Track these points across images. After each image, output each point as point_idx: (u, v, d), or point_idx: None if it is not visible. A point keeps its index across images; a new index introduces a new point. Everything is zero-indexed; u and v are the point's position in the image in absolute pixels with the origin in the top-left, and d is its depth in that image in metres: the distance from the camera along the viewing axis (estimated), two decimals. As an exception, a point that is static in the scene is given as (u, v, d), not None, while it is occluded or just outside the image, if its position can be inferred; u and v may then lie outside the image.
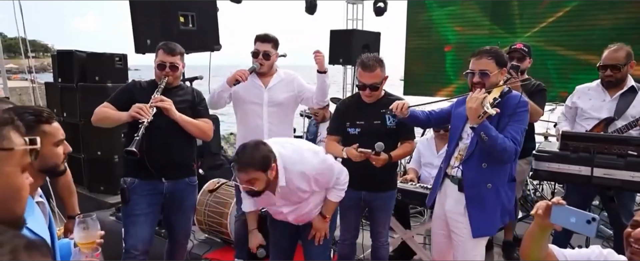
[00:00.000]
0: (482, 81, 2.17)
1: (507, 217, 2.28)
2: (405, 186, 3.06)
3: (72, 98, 4.53)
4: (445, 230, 2.37)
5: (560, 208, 1.33)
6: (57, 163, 1.51)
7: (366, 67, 2.43)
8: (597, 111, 2.88)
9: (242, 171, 2.00)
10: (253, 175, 1.99)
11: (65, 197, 2.35)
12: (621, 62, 2.76)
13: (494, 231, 2.30)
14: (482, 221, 2.19)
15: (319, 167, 2.15)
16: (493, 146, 2.06)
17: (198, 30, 3.72)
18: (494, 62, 2.17)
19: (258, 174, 1.99)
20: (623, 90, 2.82)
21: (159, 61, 2.54)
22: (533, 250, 1.48)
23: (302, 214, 2.32)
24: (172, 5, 3.58)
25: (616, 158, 2.29)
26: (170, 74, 2.53)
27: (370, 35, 5.74)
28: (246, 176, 2.00)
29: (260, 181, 2.01)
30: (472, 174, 2.19)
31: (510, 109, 2.14)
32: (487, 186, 2.18)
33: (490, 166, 2.16)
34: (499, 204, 2.21)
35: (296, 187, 2.14)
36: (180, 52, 2.59)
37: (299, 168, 2.10)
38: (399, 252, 3.38)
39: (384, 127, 2.52)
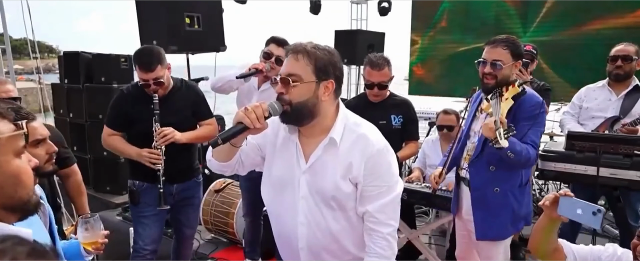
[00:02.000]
0: (493, 72, 2.02)
1: (521, 223, 2.17)
2: (411, 186, 3.05)
3: (78, 99, 4.56)
4: (466, 231, 2.32)
5: (568, 199, 1.33)
6: (37, 164, 1.49)
7: (375, 66, 2.44)
8: (603, 111, 2.90)
9: (292, 54, 1.36)
10: (301, 68, 1.32)
11: (75, 197, 2.37)
12: (632, 54, 2.79)
13: (503, 236, 2.16)
14: (488, 224, 2.10)
15: (384, 150, 1.42)
16: (518, 160, 1.94)
17: (204, 31, 3.75)
18: (510, 52, 2.02)
19: (307, 71, 1.32)
20: (628, 89, 2.85)
21: (140, 79, 2.36)
22: (541, 243, 1.46)
23: (317, 237, 1.48)
24: (178, 6, 3.60)
25: (622, 158, 2.29)
26: (157, 89, 2.35)
27: (374, 36, 5.74)
28: (292, 64, 1.34)
29: (303, 87, 1.32)
30: (479, 177, 2.10)
31: (528, 112, 2.01)
32: (495, 190, 2.07)
33: (498, 170, 2.05)
34: (507, 209, 2.09)
35: (339, 162, 1.39)
36: (158, 62, 2.32)
37: (363, 131, 1.42)
38: (405, 252, 3.38)
39: (390, 127, 2.53)
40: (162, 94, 2.40)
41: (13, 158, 0.88)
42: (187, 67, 4.00)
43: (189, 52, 3.89)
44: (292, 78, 1.31)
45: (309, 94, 1.32)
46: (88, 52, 4.60)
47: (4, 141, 0.86)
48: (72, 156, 2.40)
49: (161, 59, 2.35)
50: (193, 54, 3.95)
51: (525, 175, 2.15)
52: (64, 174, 2.34)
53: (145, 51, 2.38)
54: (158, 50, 2.38)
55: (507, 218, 2.11)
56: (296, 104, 1.31)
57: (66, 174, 2.34)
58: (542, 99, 2.09)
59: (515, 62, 2.06)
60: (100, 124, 4.39)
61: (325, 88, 1.34)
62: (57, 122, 4.92)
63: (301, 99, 1.31)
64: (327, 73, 1.33)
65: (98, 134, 4.38)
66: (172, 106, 2.42)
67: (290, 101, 1.31)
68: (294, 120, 1.36)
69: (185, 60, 3.96)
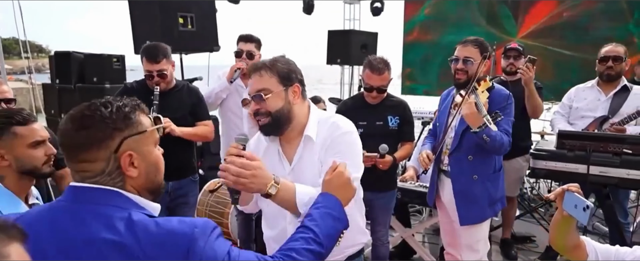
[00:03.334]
0: (464, 68, 2.22)
1: (498, 205, 2.38)
2: (405, 185, 3.09)
3: (70, 99, 4.51)
4: (449, 218, 2.47)
5: (570, 194, 1.32)
6: (35, 165, 1.49)
7: (375, 70, 2.45)
8: (592, 110, 2.95)
9: (254, 72, 1.44)
10: (267, 82, 1.41)
11: None
12: (622, 55, 2.86)
13: (483, 218, 2.34)
14: (469, 211, 2.29)
15: (349, 133, 1.49)
16: (493, 145, 2.13)
17: (197, 32, 3.74)
18: (479, 51, 2.22)
19: (273, 83, 1.41)
20: (617, 89, 2.90)
21: (145, 71, 2.45)
22: (558, 238, 1.45)
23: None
24: (171, 6, 3.60)
25: (612, 156, 2.34)
26: (159, 82, 2.44)
27: (368, 36, 5.76)
28: (258, 81, 1.42)
29: (274, 97, 1.41)
30: (459, 167, 2.29)
31: (499, 103, 2.20)
32: (473, 178, 2.26)
33: (475, 159, 2.25)
34: (485, 195, 2.29)
35: (316, 158, 1.48)
36: (164, 56, 2.44)
37: (333, 120, 1.52)
38: (399, 250, 3.42)
39: (387, 128, 2.55)
40: (163, 87, 2.47)
41: (154, 148, 1.02)
42: (180, 67, 4.00)
43: (183, 53, 3.89)
44: (263, 92, 1.41)
45: (282, 102, 1.44)
46: (80, 52, 4.56)
47: (148, 134, 0.99)
48: None
49: (167, 54, 2.46)
50: (186, 54, 3.94)
51: (498, 162, 2.35)
52: (59, 175, 2.31)
53: (153, 44, 2.50)
54: (166, 46, 2.50)
55: (485, 202, 2.31)
56: (275, 113, 1.43)
57: (61, 176, 2.32)
58: (508, 92, 2.28)
59: (484, 61, 2.23)
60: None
61: (293, 92, 1.46)
62: (48, 123, 4.87)
63: (277, 108, 1.43)
64: (290, 79, 1.45)
65: (90, 134, 4.40)
66: (171, 103, 2.49)
67: (269, 112, 1.42)
68: (275, 129, 1.46)
69: (178, 60, 3.95)
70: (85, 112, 0.94)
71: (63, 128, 0.95)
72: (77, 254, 0.88)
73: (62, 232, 0.91)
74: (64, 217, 0.92)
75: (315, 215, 1.16)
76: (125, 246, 0.86)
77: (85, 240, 0.88)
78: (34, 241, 0.84)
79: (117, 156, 0.95)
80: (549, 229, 1.53)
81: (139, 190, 0.99)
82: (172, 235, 0.89)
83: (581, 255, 1.43)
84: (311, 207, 1.20)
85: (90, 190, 0.94)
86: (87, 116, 0.93)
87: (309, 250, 1.07)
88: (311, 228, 1.12)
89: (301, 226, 1.14)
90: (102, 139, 0.93)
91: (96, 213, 0.91)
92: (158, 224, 0.90)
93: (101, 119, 0.93)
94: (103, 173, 0.95)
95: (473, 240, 2.35)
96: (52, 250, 0.90)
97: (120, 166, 0.95)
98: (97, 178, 0.95)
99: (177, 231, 0.89)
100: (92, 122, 0.93)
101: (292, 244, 1.08)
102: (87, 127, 0.93)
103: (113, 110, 0.95)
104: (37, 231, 0.91)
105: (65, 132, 0.95)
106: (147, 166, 0.99)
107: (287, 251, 1.06)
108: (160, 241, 0.87)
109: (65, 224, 0.91)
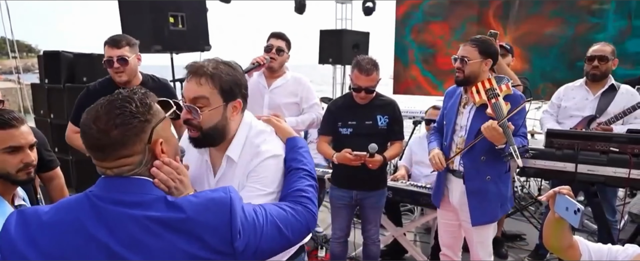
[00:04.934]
0: (461, 67, 2.23)
1: (508, 205, 2.40)
2: (396, 184, 3.10)
3: (59, 99, 4.47)
4: (453, 220, 2.45)
5: (561, 196, 1.34)
6: (8, 171, 1.46)
7: (363, 71, 2.44)
8: (580, 110, 2.98)
9: (194, 76, 1.25)
10: (206, 92, 1.24)
11: (58, 200, 2.33)
12: (608, 54, 2.88)
13: (495, 218, 2.35)
14: (482, 210, 2.28)
15: (270, 159, 1.32)
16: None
17: (188, 31, 3.72)
18: (477, 50, 2.22)
19: (214, 95, 1.25)
20: (604, 88, 2.94)
21: (105, 57, 2.33)
22: (551, 238, 1.46)
23: None
24: (161, 5, 3.57)
25: (599, 155, 2.36)
26: (120, 70, 2.32)
27: (359, 35, 5.78)
28: (195, 89, 1.24)
29: (211, 112, 1.25)
30: (473, 168, 2.26)
31: (516, 105, 2.19)
32: (487, 179, 2.25)
33: (488, 159, 2.23)
34: (498, 195, 2.29)
35: (238, 175, 1.35)
36: (128, 43, 2.34)
37: (257, 142, 1.36)
38: (391, 249, 3.43)
39: (376, 127, 2.55)
40: (125, 80, 2.36)
41: (172, 132, 1.10)
42: (171, 67, 3.98)
43: (173, 52, 3.86)
44: (198, 103, 1.24)
45: (218, 117, 1.27)
46: (69, 51, 4.52)
47: (167, 120, 1.06)
48: (55, 159, 2.35)
49: (131, 43, 2.39)
50: (177, 53, 3.92)
51: (508, 162, 2.35)
52: (47, 177, 2.29)
53: (117, 34, 2.44)
54: (131, 37, 2.43)
55: (498, 202, 2.31)
56: (207, 129, 1.26)
57: (49, 178, 2.29)
58: (521, 93, 2.30)
59: (485, 60, 2.23)
60: (83, 125, 4.38)
61: (233, 108, 1.30)
62: (37, 123, 4.82)
63: (211, 124, 1.26)
64: (233, 94, 1.28)
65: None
66: None
67: (201, 127, 1.26)
68: (206, 144, 1.32)
69: (169, 60, 3.93)
70: (114, 111, 0.96)
71: (92, 132, 0.96)
72: (128, 228, 0.94)
73: (102, 214, 0.96)
74: (100, 202, 0.97)
75: (299, 157, 1.33)
76: (167, 218, 0.94)
77: (129, 217, 0.94)
78: (74, 221, 0.95)
79: (151, 146, 1.00)
80: (539, 227, 1.54)
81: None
82: (214, 200, 0.99)
83: (574, 254, 1.45)
84: (289, 151, 1.35)
85: (124, 181, 0.99)
86: (118, 115, 0.96)
87: (310, 185, 1.28)
88: (301, 168, 1.30)
89: (292, 170, 1.30)
90: (137, 133, 0.97)
91: (130, 199, 0.97)
92: (195, 196, 1.01)
93: (131, 115, 0.96)
94: (141, 164, 1.00)
95: (485, 238, 2.37)
96: (97, 229, 0.94)
97: (154, 154, 1.01)
98: (135, 170, 1.00)
99: (216, 197, 1.00)
100: (124, 119, 0.96)
101: (296, 185, 1.25)
102: (119, 125, 0.95)
103: (138, 104, 0.98)
104: (76, 216, 0.96)
105: (97, 135, 0.95)
106: (172, 148, 1.07)
107: (297, 192, 1.24)
108: (205, 207, 0.97)
109: (103, 207, 0.96)
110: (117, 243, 0.93)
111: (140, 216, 0.94)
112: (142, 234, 0.93)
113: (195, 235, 0.94)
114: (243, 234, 1.00)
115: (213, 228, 0.96)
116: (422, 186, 3.04)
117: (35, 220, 0.97)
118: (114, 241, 0.93)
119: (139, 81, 2.47)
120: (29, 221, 0.97)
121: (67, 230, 0.95)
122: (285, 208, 1.16)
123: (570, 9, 5.07)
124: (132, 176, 0.99)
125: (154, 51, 3.53)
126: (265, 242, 1.06)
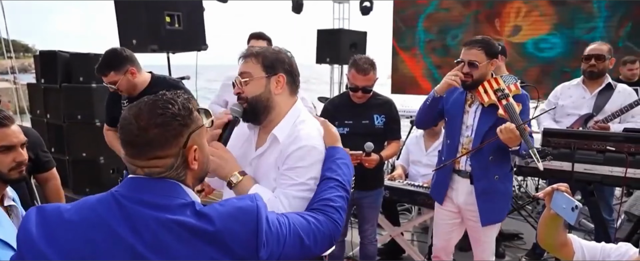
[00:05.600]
0: (470, 72, 2.16)
1: (509, 203, 2.42)
2: (393, 183, 3.10)
3: (56, 99, 4.45)
4: (455, 220, 2.41)
5: (559, 193, 1.34)
6: (0, 170, 1.49)
7: (360, 70, 2.43)
8: (577, 108, 2.98)
9: (242, 58, 1.44)
10: (250, 68, 1.40)
11: (53, 201, 2.32)
12: (605, 53, 2.89)
13: (502, 217, 2.34)
14: (491, 210, 2.26)
15: (307, 148, 1.37)
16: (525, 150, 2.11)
17: (184, 30, 3.71)
18: (484, 52, 2.16)
19: (256, 69, 1.40)
20: (601, 87, 2.94)
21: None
22: (546, 236, 1.46)
23: None
24: (158, 5, 3.55)
25: (596, 154, 2.37)
26: (119, 91, 2.41)
27: (357, 35, 5.77)
28: (242, 66, 1.43)
29: (254, 83, 1.40)
30: (481, 168, 2.24)
31: (524, 104, 2.18)
32: (495, 178, 2.23)
33: (495, 158, 2.22)
34: (505, 193, 2.29)
35: (278, 158, 1.40)
36: (112, 68, 2.35)
37: (299, 127, 1.42)
38: (388, 248, 3.43)
39: (372, 127, 2.55)
40: (130, 92, 2.43)
41: (205, 141, 1.09)
42: (167, 66, 3.96)
43: (170, 52, 3.85)
44: (243, 77, 1.42)
45: (261, 89, 1.41)
46: (66, 51, 4.50)
47: (204, 128, 1.06)
48: (52, 160, 2.35)
49: (114, 66, 2.34)
50: (174, 53, 3.91)
51: (511, 160, 2.35)
52: (43, 178, 2.28)
53: (104, 55, 2.40)
54: (116, 56, 2.38)
55: (505, 201, 2.33)
56: (251, 99, 1.41)
57: (45, 179, 2.29)
58: (526, 92, 2.29)
59: (491, 61, 2.21)
60: (79, 125, 4.36)
61: (276, 82, 1.42)
62: (33, 123, 4.80)
63: (255, 94, 1.41)
64: (275, 68, 1.42)
65: (77, 135, 4.34)
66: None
67: (246, 97, 1.42)
68: (252, 116, 1.44)
69: (165, 59, 3.91)
70: (156, 110, 0.96)
71: (132, 128, 0.96)
72: (155, 231, 0.92)
73: (128, 214, 0.94)
74: (127, 202, 0.95)
75: (334, 166, 1.33)
76: (194, 225, 0.93)
77: (156, 220, 0.93)
78: (99, 220, 0.93)
79: (185, 151, 1.00)
80: (536, 227, 1.54)
81: (193, 181, 1.06)
82: (241, 209, 0.99)
83: (568, 252, 1.46)
84: (326, 160, 1.36)
85: (152, 182, 0.98)
86: (160, 115, 0.96)
87: (339, 195, 1.27)
88: (333, 178, 1.30)
89: (324, 179, 1.31)
90: (175, 136, 0.97)
91: (158, 201, 0.95)
92: (221, 205, 1.00)
93: (172, 117, 0.96)
94: (172, 168, 0.99)
95: (491, 238, 2.37)
96: (123, 229, 0.93)
97: (187, 160, 1.00)
98: (165, 173, 0.99)
99: (243, 206, 1.00)
100: (164, 120, 0.96)
101: (324, 194, 1.26)
102: (160, 125, 0.95)
103: (180, 107, 0.98)
104: (100, 215, 0.95)
105: (136, 131, 0.95)
106: (203, 158, 1.06)
107: (323, 201, 1.23)
108: (233, 217, 0.97)
109: (130, 207, 0.95)
110: (143, 245, 0.92)
111: (168, 220, 0.92)
112: (170, 238, 0.92)
113: (223, 245, 0.95)
114: (268, 243, 1.00)
115: (240, 237, 0.96)
116: (420, 185, 3.04)
117: (57, 218, 0.95)
118: (141, 242, 0.92)
119: (147, 83, 2.50)
120: (50, 219, 0.95)
121: (91, 228, 0.93)
122: (308, 218, 1.16)
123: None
124: (162, 178, 0.98)
125: (150, 50, 3.52)
126: (287, 252, 1.06)
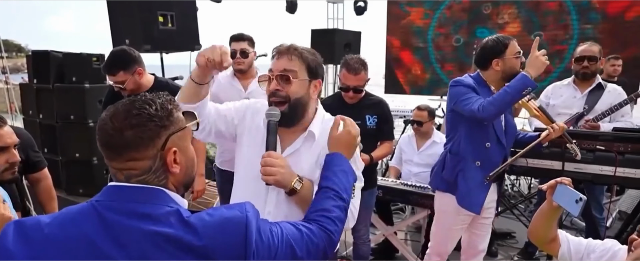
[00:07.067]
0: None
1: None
2: (387, 183, 3.11)
3: (48, 99, 4.44)
4: (467, 222, 2.35)
5: (563, 187, 1.36)
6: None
7: (351, 70, 2.44)
8: (568, 108, 3.01)
9: (285, 53, 1.38)
10: (296, 66, 1.37)
11: (45, 202, 2.31)
12: (597, 54, 2.93)
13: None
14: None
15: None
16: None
17: (178, 30, 3.70)
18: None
19: (301, 68, 1.37)
20: (592, 86, 2.97)
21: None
22: (540, 229, 1.47)
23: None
24: (151, 4, 3.55)
25: (586, 153, 2.39)
26: (124, 91, 2.43)
27: (351, 35, 5.79)
28: (287, 62, 1.37)
29: (297, 84, 1.36)
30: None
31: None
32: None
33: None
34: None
35: (314, 153, 1.43)
36: (122, 68, 2.36)
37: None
38: (382, 248, 3.44)
39: (365, 127, 2.55)
40: (132, 90, 2.41)
41: (190, 143, 1.04)
42: (161, 66, 3.95)
43: (163, 51, 3.84)
44: (290, 74, 1.35)
45: (304, 91, 1.37)
46: (59, 51, 4.48)
47: (187, 130, 1.02)
48: (43, 160, 2.34)
49: (124, 65, 2.35)
50: (167, 53, 3.90)
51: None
52: (34, 178, 2.27)
53: (113, 54, 2.40)
54: (125, 55, 2.38)
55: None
56: (294, 100, 1.35)
57: (36, 179, 2.28)
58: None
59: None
60: (72, 125, 4.34)
61: (314, 87, 1.41)
62: (26, 123, 4.77)
63: (298, 95, 1.36)
64: (316, 74, 1.41)
65: (69, 135, 4.33)
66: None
67: (289, 97, 1.35)
68: (290, 119, 1.37)
69: (159, 59, 3.90)
70: (132, 111, 0.93)
71: (107, 128, 0.93)
72: (134, 246, 0.89)
73: (112, 228, 0.90)
74: (109, 214, 0.91)
75: (330, 175, 1.29)
76: (180, 238, 0.89)
77: (141, 232, 0.89)
78: (81, 236, 0.88)
79: (163, 153, 0.96)
80: (530, 221, 1.55)
81: (177, 186, 1.01)
82: (229, 220, 0.95)
83: (556, 247, 1.48)
84: (323, 169, 1.31)
85: (134, 189, 0.94)
86: (135, 115, 0.93)
87: (336, 205, 1.23)
88: (330, 187, 1.26)
89: (321, 188, 1.27)
90: (151, 138, 0.94)
91: (142, 210, 0.92)
92: (209, 214, 0.96)
93: (149, 118, 0.93)
94: (149, 171, 0.95)
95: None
96: (107, 245, 0.89)
97: (166, 163, 0.97)
98: (143, 177, 0.95)
99: (232, 216, 0.96)
100: (140, 121, 0.93)
101: (320, 205, 1.22)
102: (135, 126, 0.92)
103: (158, 108, 0.95)
104: (83, 230, 0.90)
105: (111, 131, 0.93)
106: (186, 161, 1.02)
107: (319, 212, 1.19)
108: (220, 227, 0.93)
109: (113, 220, 0.90)
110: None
111: (152, 232, 0.89)
112: (155, 252, 0.89)
113: (209, 257, 0.92)
114: (258, 253, 0.98)
115: (227, 249, 0.94)
116: (413, 185, 3.05)
117: (38, 234, 0.89)
118: (126, 258, 0.89)
119: (150, 85, 2.50)
120: (31, 236, 0.89)
121: (75, 247, 0.88)
122: (301, 228, 1.13)
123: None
124: (144, 185, 0.95)
125: (144, 50, 3.51)
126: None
